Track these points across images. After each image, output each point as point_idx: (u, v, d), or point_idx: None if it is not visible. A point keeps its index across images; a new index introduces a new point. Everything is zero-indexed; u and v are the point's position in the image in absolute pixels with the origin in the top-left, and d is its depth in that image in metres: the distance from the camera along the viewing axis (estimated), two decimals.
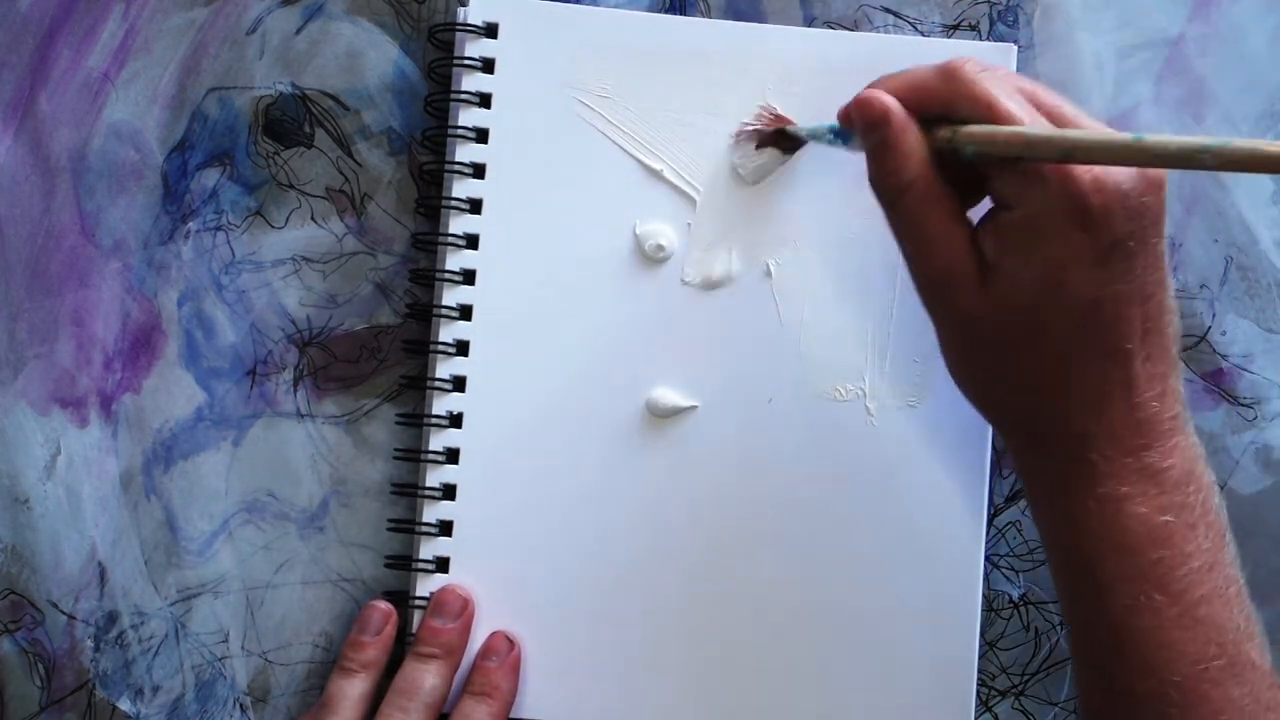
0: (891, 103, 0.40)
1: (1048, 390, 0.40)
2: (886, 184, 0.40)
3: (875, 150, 0.40)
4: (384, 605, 0.49)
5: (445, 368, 0.49)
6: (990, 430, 0.49)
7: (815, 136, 0.46)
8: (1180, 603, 0.39)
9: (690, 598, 0.49)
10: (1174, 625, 0.39)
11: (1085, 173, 0.37)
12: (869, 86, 0.41)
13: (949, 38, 0.51)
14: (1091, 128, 0.39)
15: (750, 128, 0.49)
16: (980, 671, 0.50)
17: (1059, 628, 0.50)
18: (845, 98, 0.50)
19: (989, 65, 0.40)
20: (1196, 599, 0.39)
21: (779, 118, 0.49)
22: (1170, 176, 0.50)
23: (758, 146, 0.49)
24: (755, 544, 0.49)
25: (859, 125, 0.41)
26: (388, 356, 0.51)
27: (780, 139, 0.48)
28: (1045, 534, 0.42)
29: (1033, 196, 0.38)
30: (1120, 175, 0.37)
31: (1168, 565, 0.38)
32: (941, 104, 0.40)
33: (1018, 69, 0.50)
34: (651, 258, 0.50)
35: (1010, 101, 0.39)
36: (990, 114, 0.38)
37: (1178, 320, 0.40)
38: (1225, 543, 0.40)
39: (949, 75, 0.40)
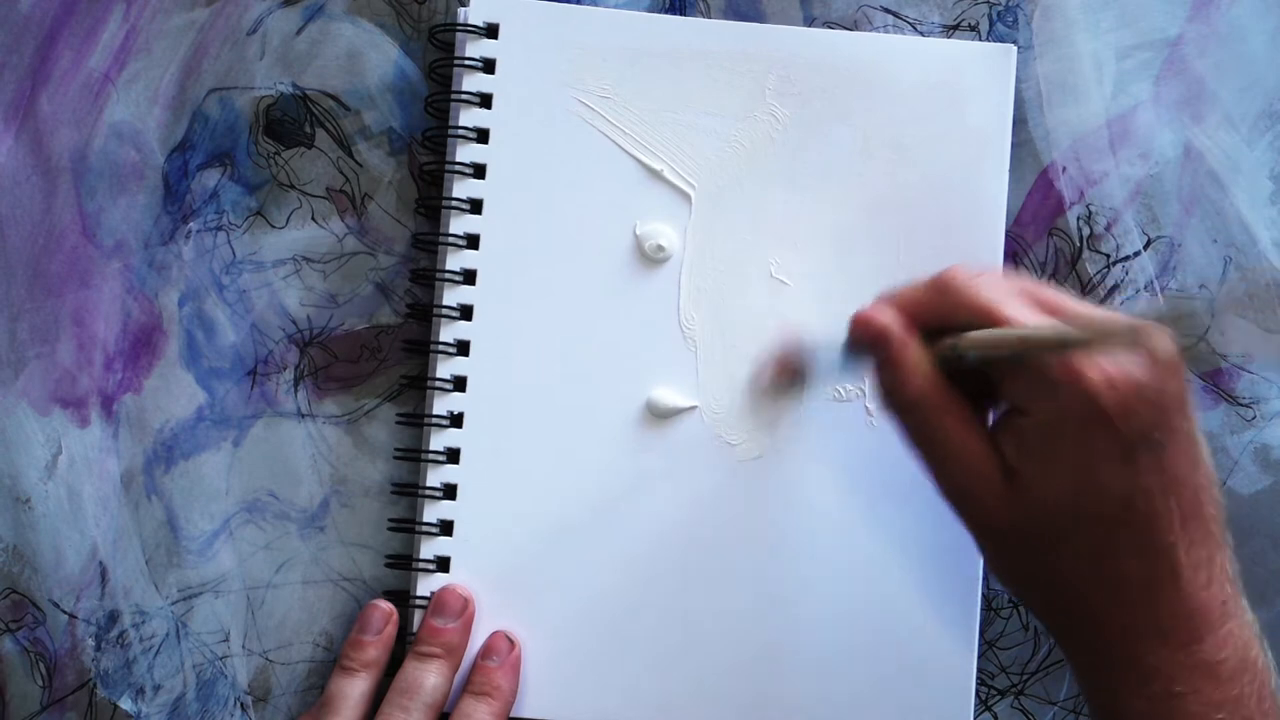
0: (889, 319, 0.40)
1: (1088, 590, 0.38)
2: (895, 400, 0.40)
3: (880, 368, 0.40)
4: (384, 605, 0.49)
5: (445, 368, 0.49)
6: None
7: (828, 373, 0.46)
8: None
9: (690, 597, 0.49)
10: None
11: (1097, 372, 0.36)
12: (871, 305, 0.41)
13: (949, 38, 0.51)
14: (1093, 315, 0.38)
15: (768, 377, 0.49)
16: (980, 671, 0.50)
17: None
18: (845, 97, 0.50)
19: (980, 271, 0.40)
20: None
21: (788, 363, 0.48)
22: (1169, 176, 0.51)
23: (773, 393, 0.49)
24: (755, 544, 0.49)
25: (862, 344, 0.41)
26: (388, 356, 0.51)
27: (795, 378, 0.49)
28: None
29: (1047, 400, 0.37)
30: (1133, 367, 0.36)
31: None
32: (940, 318, 0.39)
33: (1017, 69, 0.50)
34: (651, 258, 0.50)
35: (1010, 306, 0.38)
36: (991, 321, 0.38)
37: (1218, 492, 0.39)
38: None
39: (943, 288, 0.39)
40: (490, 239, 0.50)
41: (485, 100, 0.50)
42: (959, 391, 0.39)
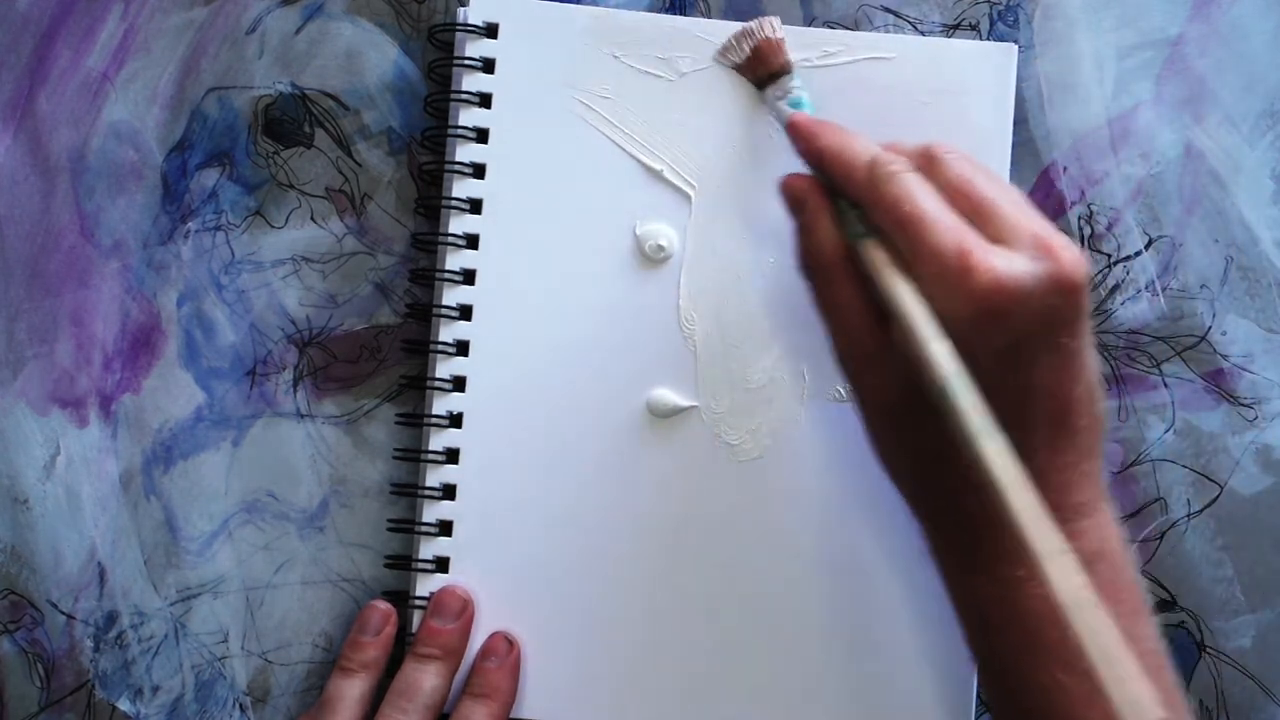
0: (806, 186, 0.42)
1: (947, 477, 0.39)
2: (805, 263, 0.42)
3: (796, 231, 0.42)
4: (384, 605, 0.49)
5: (445, 368, 0.49)
6: None
7: (779, 114, 0.46)
8: (1088, 681, 0.37)
9: (690, 597, 0.49)
10: (1085, 705, 0.38)
11: (986, 272, 0.37)
12: (822, 135, 0.42)
13: (949, 37, 0.51)
14: (1012, 218, 0.39)
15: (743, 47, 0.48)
16: None
17: None
18: (845, 97, 0.50)
19: (917, 169, 0.40)
20: None
21: (769, 49, 0.48)
22: (1170, 176, 0.51)
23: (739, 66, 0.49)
24: (755, 544, 0.49)
25: (784, 203, 0.43)
26: (387, 356, 0.51)
27: (758, 75, 0.48)
28: (955, 609, 0.42)
29: (934, 289, 0.38)
30: (1025, 276, 0.37)
31: (1073, 644, 0.36)
32: (855, 194, 0.41)
33: (1018, 69, 0.50)
34: (651, 258, 0.50)
35: (921, 203, 0.39)
36: (900, 218, 0.39)
37: (1100, 407, 0.40)
38: (1142, 616, 0.39)
39: (869, 173, 0.40)
40: (490, 239, 0.50)
41: (485, 100, 0.50)
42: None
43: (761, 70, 0.48)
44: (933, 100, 0.50)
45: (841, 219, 0.41)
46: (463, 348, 0.49)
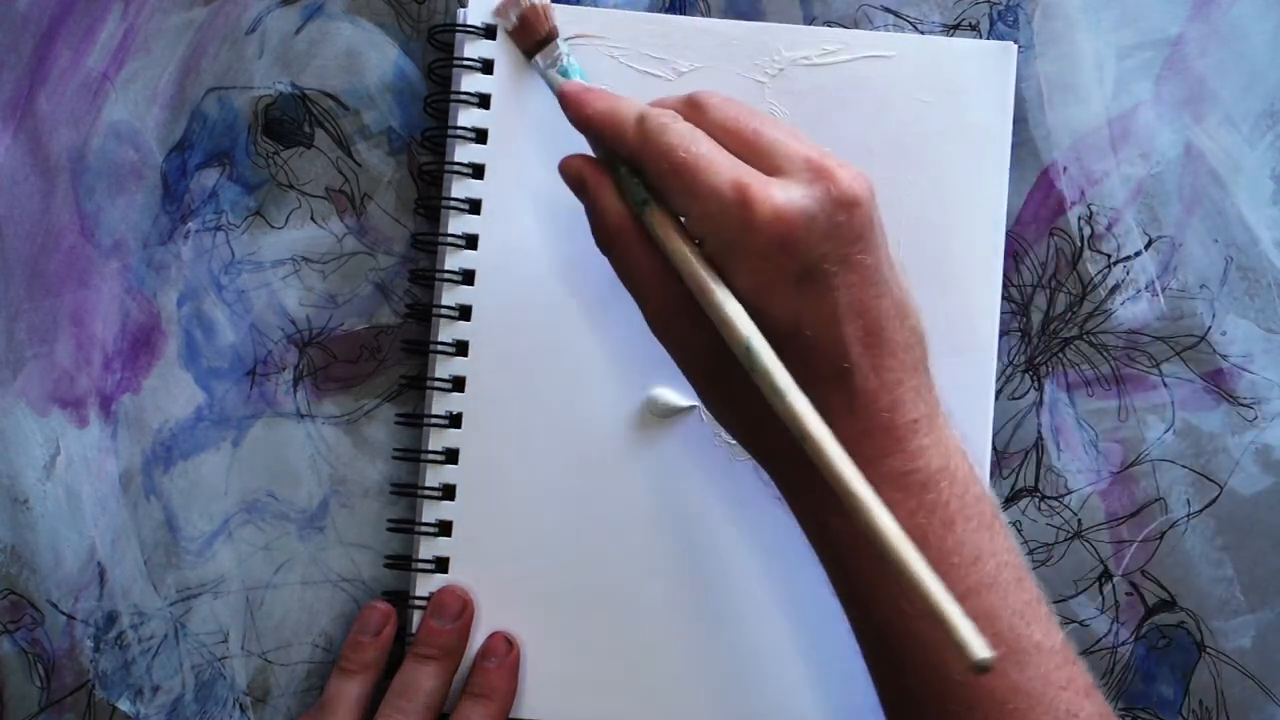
0: (580, 164, 0.42)
1: (773, 419, 0.38)
2: (599, 239, 0.42)
3: (586, 210, 0.42)
4: (383, 606, 0.49)
5: (445, 368, 0.49)
6: (990, 432, 0.49)
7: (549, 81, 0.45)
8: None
9: (690, 597, 0.49)
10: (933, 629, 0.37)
11: (764, 203, 0.37)
12: (590, 102, 0.42)
13: (949, 37, 0.51)
14: (785, 150, 0.39)
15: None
16: None
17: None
18: (845, 96, 0.50)
19: (693, 101, 0.41)
20: (962, 593, 0.37)
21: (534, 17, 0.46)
22: (1170, 176, 0.51)
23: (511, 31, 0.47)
24: (755, 544, 0.49)
25: (567, 185, 0.43)
26: (387, 356, 0.51)
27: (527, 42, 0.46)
28: (811, 544, 0.42)
29: (718, 228, 0.38)
30: (804, 200, 0.38)
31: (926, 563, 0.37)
32: (633, 155, 0.40)
33: (1018, 68, 0.50)
34: None
35: (693, 147, 0.39)
36: (674, 166, 0.39)
37: (916, 322, 0.40)
38: (995, 529, 0.39)
39: (638, 129, 0.40)
40: (489, 239, 0.50)
41: (484, 101, 0.50)
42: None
43: (528, 39, 0.46)
44: (932, 99, 0.50)
45: (624, 188, 0.41)
46: (462, 348, 0.49)
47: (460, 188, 0.50)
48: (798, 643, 0.49)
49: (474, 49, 0.50)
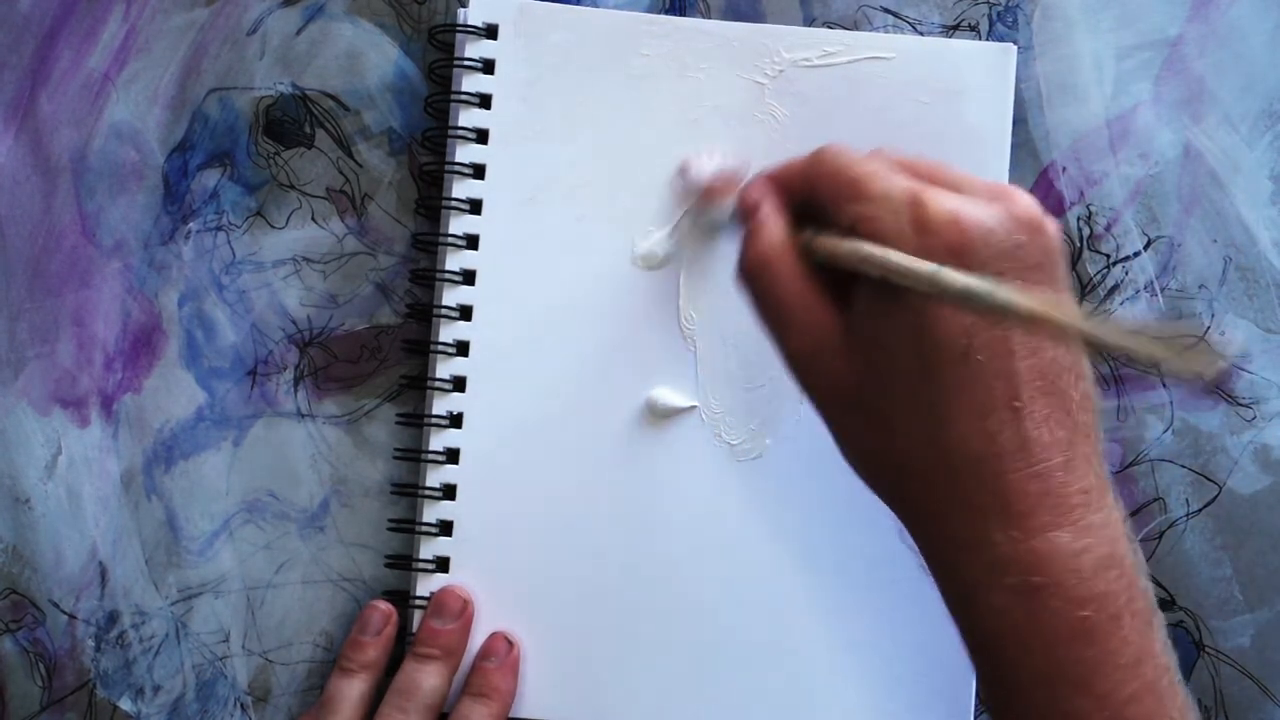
0: (759, 195, 0.40)
1: (929, 462, 0.36)
2: (745, 266, 0.39)
3: (744, 239, 0.40)
4: (384, 606, 0.49)
5: (445, 368, 0.49)
6: None
7: (726, 227, 0.45)
8: (1107, 706, 0.34)
9: (690, 597, 0.49)
10: None
11: (940, 206, 0.35)
12: (755, 179, 0.41)
13: (949, 38, 0.51)
14: (977, 183, 0.37)
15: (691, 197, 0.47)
16: None
17: None
18: (845, 97, 0.50)
19: (872, 152, 0.39)
20: (1125, 698, 0.34)
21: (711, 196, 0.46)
22: (1169, 176, 0.51)
23: (694, 217, 0.48)
24: (755, 544, 0.49)
25: (738, 212, 0.41)
26: (388, 356, 0.51)
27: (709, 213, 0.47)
28: (957, 623, 0.38)
29: (889, 230, 0.36)
30: (983, 213, 0.35)
31: (1090, 665, 0.34)
32: (805, 181, 0.39)
33: (1017, 69, 0.50)
34: (649, 265, 0.50)
35: (879, 177, 0.37)
36: (855, 189, 0.37)
37: (1089, 384, 0.36)
38: (1154, 628, 0.36)
39: (816, 158, 0.39)
40: (490, 239, 0.50)
41: (485, 101, 0.50)
42: (817, 270, 0.38)
43: (708, 201, 0.47)
44: (932, 100, 0.50)
45: (793, 227, 0.40)
46: (463, 348, 0.49)
47: (461, 188, 0.50)
48: (797, 641, 0.49)
49: (475, 49, 0.50)
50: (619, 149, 0.50)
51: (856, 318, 0.37)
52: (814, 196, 0.38)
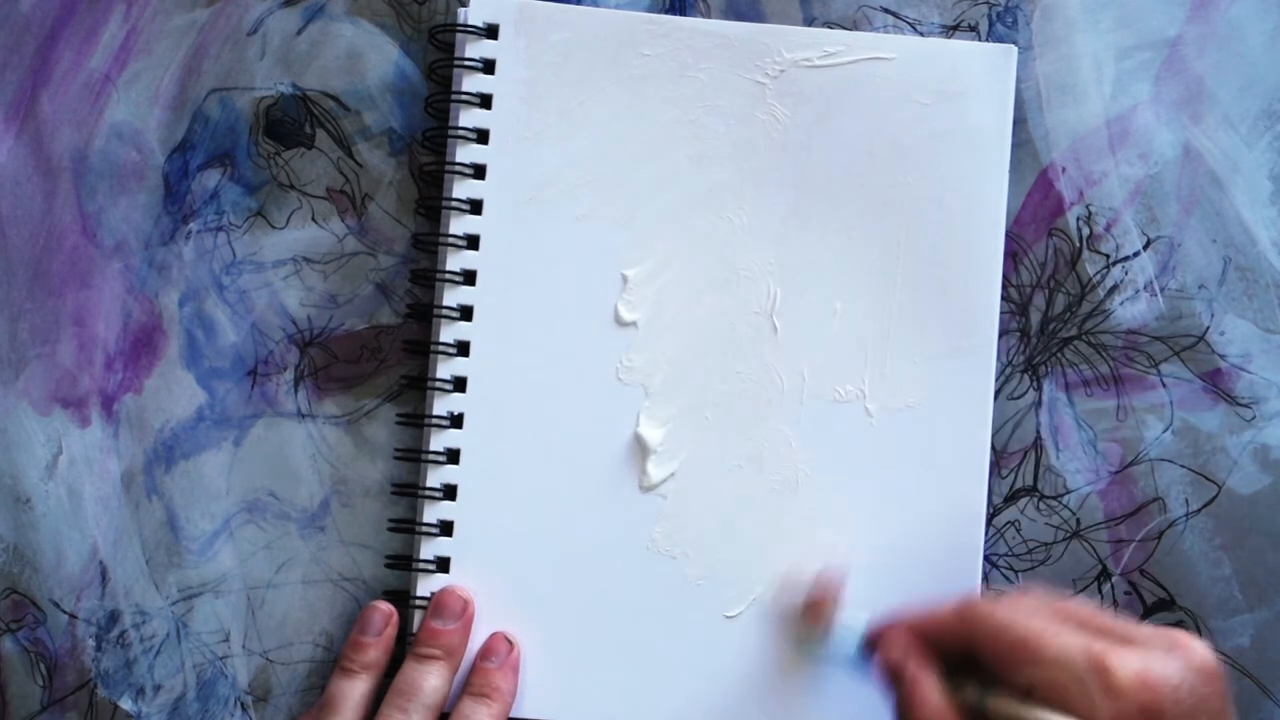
0: (901, 654, 0.40)
1: None
2: None
3: (898, 703, 0.40)
4: (385, 606, 0.49)
5: (446, 368, 0.50)
6: (989, 432, 0.49)
7: (843, 657, 0.45)
8: None
9: (690, 597, 0.49)
10: None
11: (1125, 668, 0.35)
12: (891, 627, 0.40)
13: (949, 38, 0.51)
14: (1129, 630, 0.37)
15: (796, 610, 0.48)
16: None
17: None
18: (845, 98, 0.50)
19: (998, 594, 0.38)
20: None
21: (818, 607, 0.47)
22: (1168, 176, 0.51)
23: (799, 626, 0.48)
24: (755, 544, 0.49)
25: (883, 669, 0.40)
26: (388, 357, 0.51)
27: (818, 624, 0.47)
28: None
29: (1073, 696, 0.36)
30: (1168, 668, 0.36)
31: None
32: (964, 645, 0.39)
33: (1017, 70, 0.50)
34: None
35: (1049, 634, 0.37)
36: (1030, 653, 0.37)
37: None
38: None
39: (967, 618, 0.38)
40: (490, 239, 0.50)
41: (485, 101, 0.50)
42: None
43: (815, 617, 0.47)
44: (932, 101, 0.50)
45: (947, 684, 0.40)
46: (463, 348, 0.50)
47: (461, 188, 0.50)
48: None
49: (475, 49, 0.50)
50: (619, 149, 0.50)
51: None
52: (971, 653, 0.38)
